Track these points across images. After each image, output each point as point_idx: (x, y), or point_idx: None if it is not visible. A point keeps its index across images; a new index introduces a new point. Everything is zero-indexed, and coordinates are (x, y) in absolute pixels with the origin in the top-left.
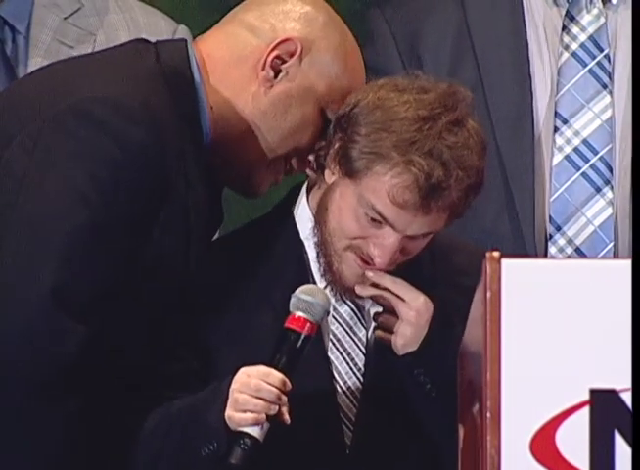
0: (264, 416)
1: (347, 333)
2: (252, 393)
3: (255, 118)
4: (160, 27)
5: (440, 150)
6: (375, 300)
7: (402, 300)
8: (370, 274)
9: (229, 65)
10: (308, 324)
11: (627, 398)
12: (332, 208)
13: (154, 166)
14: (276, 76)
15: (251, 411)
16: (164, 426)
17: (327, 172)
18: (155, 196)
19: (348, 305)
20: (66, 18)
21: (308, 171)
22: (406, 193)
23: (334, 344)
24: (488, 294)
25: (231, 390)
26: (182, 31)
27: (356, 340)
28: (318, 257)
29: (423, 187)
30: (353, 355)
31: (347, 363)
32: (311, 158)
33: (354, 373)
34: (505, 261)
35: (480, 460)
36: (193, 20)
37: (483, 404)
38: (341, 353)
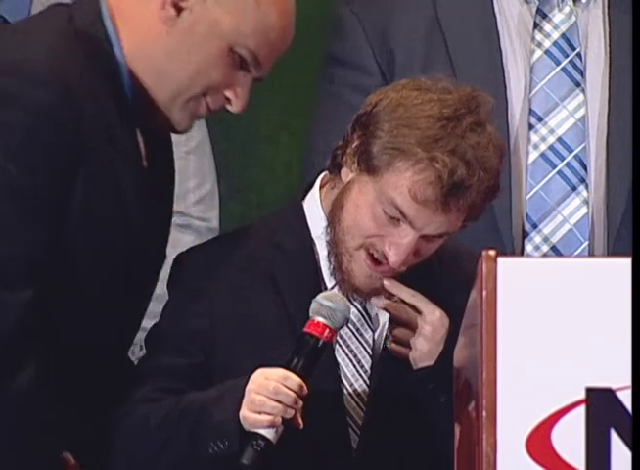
0: (280, 419)
1: (354, 334)
2: (270, 395)
3: (163, 60)
4: None
5: (464, 149)
6: (390, 312)
7: (419, 313)
8: (387, 283)
9: (135, 8)
10: (327, 330)
11: (623, 396)
12: (348, 205)
13: (65, 127)
14: (179, 14)
15: (268, 414)
16: (171, 421)
17: (344, 171)
18: (70, 156)
19: (356, 306)
20: None
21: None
22: (428, 190)
23: (340, 345)
24: (484, 293)
25: (247, 390)
26: None
27: (363, 342)
28: (329, 255)
29: (446, 184)
30: (360, 357)
31: (354, 365)
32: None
33: (361, 375)
34: (501, 260)
35: (476, 459)
36: None
37: (480, 403)
38: (347, 355)
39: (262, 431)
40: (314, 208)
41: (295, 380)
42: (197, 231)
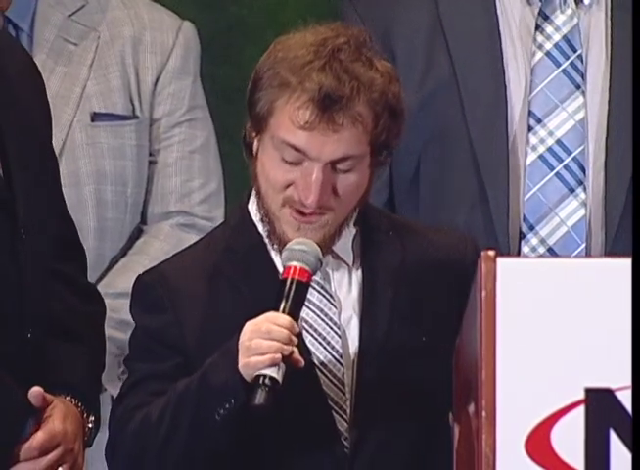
0: (280, 356)
1: (319, 316)
2: (264, 336)
3: None
4: (164, 23)
5: (332, 65)
6: None
7: None
8: None
9: None
10: (303, 272)
11: (623, 396)
12: (259, 171)
13: None
14: None
15: (266, 353)
16: (172, 406)
17: (254, 147)
18: None
19: (314, 287)
20: (70, 15)
21: None
22: (307, 112)
23: (307, 330)
24: (483, 293)
25: (240, 343)
26: (187, 27)
27: (328, 322)
28: (268, 235)
29: (317, 100)
30: (329, 338)
31: (324, 347)
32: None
33: (333, 356)
34: (500, 260)
35: (475, 459)
36: (187, 16)
37: (479, 403)
38: (316, 339)
39: (266, 371)
40: (256, 206)
41: (284, 318)
42: (201, 231)
